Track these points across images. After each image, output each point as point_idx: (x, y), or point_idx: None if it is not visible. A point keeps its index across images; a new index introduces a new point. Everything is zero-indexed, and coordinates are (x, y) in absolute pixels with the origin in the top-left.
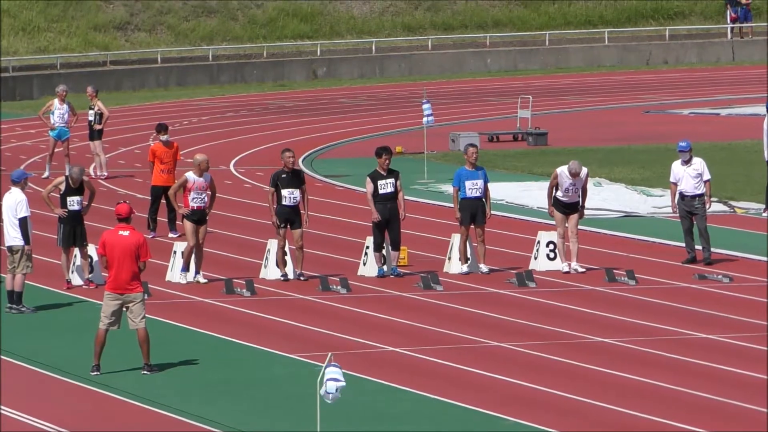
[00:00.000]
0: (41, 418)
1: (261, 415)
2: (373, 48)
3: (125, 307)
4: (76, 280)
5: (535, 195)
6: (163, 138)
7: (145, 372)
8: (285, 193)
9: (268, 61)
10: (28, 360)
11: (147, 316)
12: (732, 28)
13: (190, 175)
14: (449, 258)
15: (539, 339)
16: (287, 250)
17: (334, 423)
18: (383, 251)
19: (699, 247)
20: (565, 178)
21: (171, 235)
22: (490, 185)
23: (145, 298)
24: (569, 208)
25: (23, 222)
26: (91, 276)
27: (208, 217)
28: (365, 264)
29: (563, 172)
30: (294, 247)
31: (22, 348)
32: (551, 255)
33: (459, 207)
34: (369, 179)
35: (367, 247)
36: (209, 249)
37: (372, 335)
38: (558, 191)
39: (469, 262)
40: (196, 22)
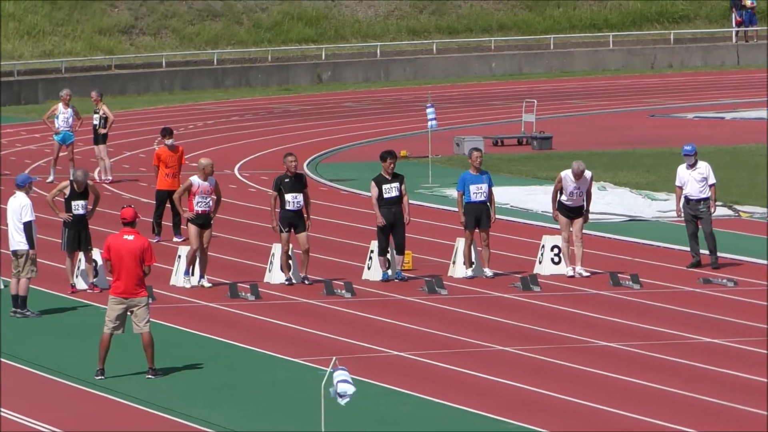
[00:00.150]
0: (45, 422)
1: (265, 419)
2: (378, 52)
3: (130, 311)
4: (80, 284)
5: (540, 199)
6: (168, 142)
7: (150, 376)
8: (288, 198)
9: (272, 65)
10: (32, 364)
11: (151, 320)
12: (737, 31)
13: (194, 179)
14: (454, 262)
15: (543, 343)
16: (291, 254)
17: (338, 427)
18: (388, 255)
19: (706, 252)
20: (570, 181)
21: (176, 240)
22: (494, 189)
23: (150, 302)
24: (574, 212)
25: (28, 226)
26: (96, 280)
27: (212, 222)
28: (370, 268)
29: (567, 175)
30: (299, 251)
31: (26, 352)
32: (556, 259)
33: (463, 211)
34: (374, 183)
35: (372, 251)
36: (214, 253)
37: (376, 339)
38: (562, 195)
39: (474, 266)
40: (200, 26)
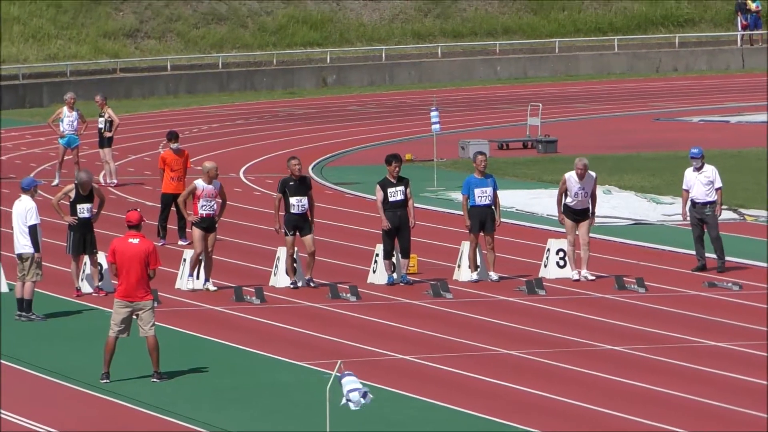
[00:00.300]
0: (50, 425)
1: (269, 422)
2: (383, 55)
3: (135, 315)
4: (85, 287)
5: (545, 202)
6: (174, 146)
7: (155, 380)
8: (293, 201)
9: (277, 69)
10: (37, 368)
11: (157, 323)
12: (742, 35)
13: (199, 183)
14: (459, 266)
15: (549, 347)
16: (296, 257)
17: (342, 430)
18: (393, 259)
19: (711, 256)
20: (574, 182)
21: (181, 243)
22: (499, 193)
23: (155, 305)
24: (579, 214)
25: (33, 229)
26: (101, 284)
27: (217, 225)
28: (375, 272)
29: (571, 176)
30: (304, 254)
31: (31, 355)
32: (561, 263)
33: (468, 215)
34: (379, 187)
35: (377, 255)
36: (219, 257)
37: (381, 343)
38: (567, 197)
39: (479, 269)
40: (205, 29)
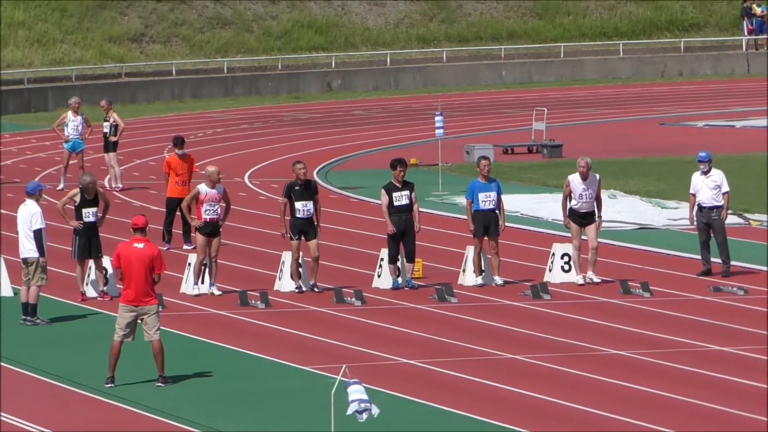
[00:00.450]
0: (55, 429)
1: (274, 427)
2: (388, 60)
3: (140, 319)
4: (90, 292)
5: (550, 207)
6: (179, 152)
7: (160, 384)
8: (298, 206)
9: (282, 73)
10: (42, 372)
11: (162, 328)
12: (747, 40)
13: (202, 188)
14: (464, 270)
15: (554, 351)
16: (302, 262)
17: None
18: (398, 263)
19: (716, 260)
20: (577, 183)
21: (186, 247)
22: (504, 197)
23: (160, 310)
24: (584, 218)
25: (38, 234)
26: (106, 288)
27: (221, 229)
28: (380, 276)
29: (574, 177)
30: (309, 259)
31: (36, 360)
32: (566, 267)
33: (472, 219)
34: (384, 191)
35: (382, 259)
36: (224, 261)
37: (386, 347)
38: (572, 200)
39: (484, 274)
40: (210, 34)
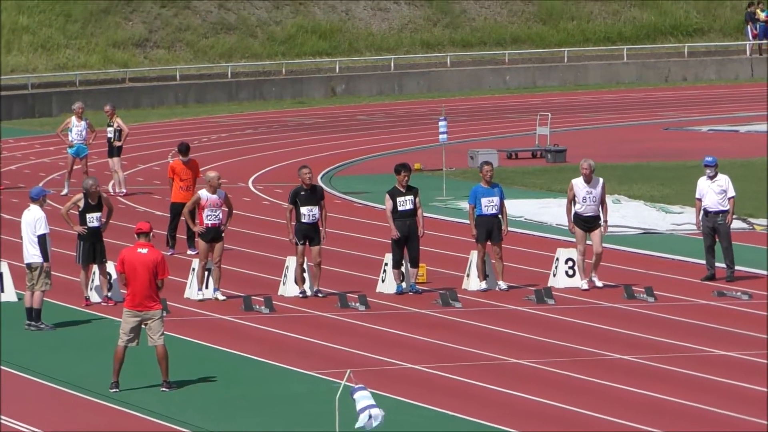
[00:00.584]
0: None
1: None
2: (392, 65)
3: (144, 324)
4: (94, 297)
5: (554, 212)
6: (183, 159)
7: (164, 389)
8: (304, 211)
9: (286, 78)
10: (46, 377)
11: (166, 333)
12: (751, 45)
13: (203, 193)
14: (468, 275)
15: (558, 356)
16: (306, 267)
17: None
18: (402, 268)
19: (721, 265)
20: (581, 186)
21: (189, 252)
22: (508, 202)
23: (164, 315)
24: (589, 222)
25: (42, 239)
26: (110, 293)
27: (224, 234)
28: (384, 281)
29: (578, 181)
30: (312, 264)
31: (40, 365)
32: (570, 272)
33: (475, 224)
34: (388, 196)
35: (386, 264)
36: (228, 266)
37: (390, 352)
38: (576, 205)
39: (488, 279)
40: (214, 39)
